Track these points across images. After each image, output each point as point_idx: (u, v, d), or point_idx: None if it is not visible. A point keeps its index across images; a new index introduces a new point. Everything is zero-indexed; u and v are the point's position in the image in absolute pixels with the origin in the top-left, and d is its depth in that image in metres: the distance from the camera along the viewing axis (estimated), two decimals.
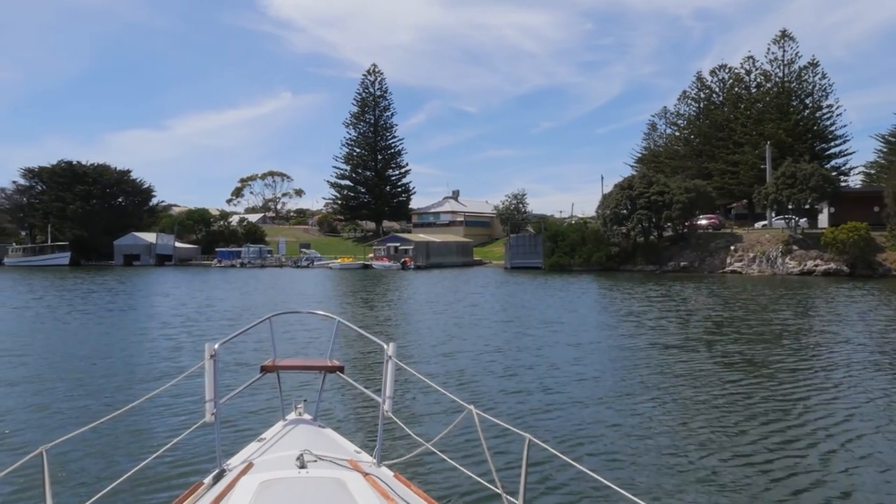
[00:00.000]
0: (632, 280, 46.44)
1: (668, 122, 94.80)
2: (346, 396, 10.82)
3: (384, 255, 75.33)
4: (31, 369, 13.60)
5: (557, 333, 19.35)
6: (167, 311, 26.66)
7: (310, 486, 2.84)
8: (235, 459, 3.54)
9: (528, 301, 30.54)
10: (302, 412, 4.17)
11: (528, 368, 13.91)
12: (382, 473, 3.33)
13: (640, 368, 13.82)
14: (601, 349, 16.43)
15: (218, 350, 3.55)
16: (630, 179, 60.32)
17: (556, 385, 12.20)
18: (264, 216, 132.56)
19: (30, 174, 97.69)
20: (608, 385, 12.23)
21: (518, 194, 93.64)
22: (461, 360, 14.90)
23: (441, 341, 17.86)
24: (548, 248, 62.80)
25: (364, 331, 4.59)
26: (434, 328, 20.79)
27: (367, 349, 15.64)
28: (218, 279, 53.86)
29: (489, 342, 17.62)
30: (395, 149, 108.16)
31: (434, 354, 15.77)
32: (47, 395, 11.25)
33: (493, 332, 19.85)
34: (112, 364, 14.24)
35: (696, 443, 8.77)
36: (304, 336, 18.17)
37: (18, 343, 17.47)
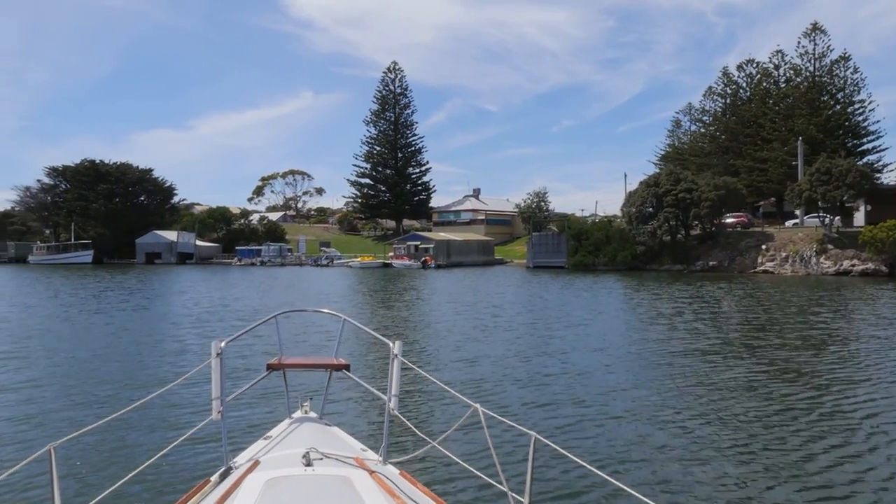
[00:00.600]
0: (659, 280, 45.01)
1: (692, 118, 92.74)
2: (352, 394, 10.67)
3: (404, 254, 74.48)
4: (38, 367, 13.58)
5: (584, 337, 18.24)
6: (180, 310, 26.01)
7: (316, 484, 2.82)
8: (242, 457, 3.54)
9: (551, 301, 29.42)
10: (308, 410, 4.16)
11: (554, 376, 12.88)
12: (388, 471, 3.30)
13: (675, 377, 12.70)
14: (632, 354, 15.31)
15: (224, 348, 3.50)
16: (656, 176, 58.67)
17: (587, 395, 11.15)
18: (285, 215, 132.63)
19: (54, 173, 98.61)
20: (640, 394, 11.14)
21: (540, 192, 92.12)
22: (482, 366, 13.92)
23: (461, 345, 16.87)
24: (571, 246, 61.45)
25: (373, 330, 4.50)
26: (454, 330, 19.80)
27: (374, 347, 15.41)
28: (237, 278, 53.42)
29: (512, 346, 16.59)
30: (416, 147, 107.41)
31: (454, 359, 14.79)
32: (55, 393, 11.24)
33: (515, 334, 18.80)
34: (120, 362, 14.18)
35: (729, 455, 7.89)
36: (312, 334, 18.04)
37: (29, 341, 17.42)
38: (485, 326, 20.69)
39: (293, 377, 4.97)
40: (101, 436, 8.33)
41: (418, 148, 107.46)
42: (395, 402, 3.63)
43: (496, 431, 8.29)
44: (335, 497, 2.73)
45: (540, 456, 7.30)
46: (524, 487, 2.91)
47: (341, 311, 4.59)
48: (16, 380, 12.37)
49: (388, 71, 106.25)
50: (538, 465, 7.17)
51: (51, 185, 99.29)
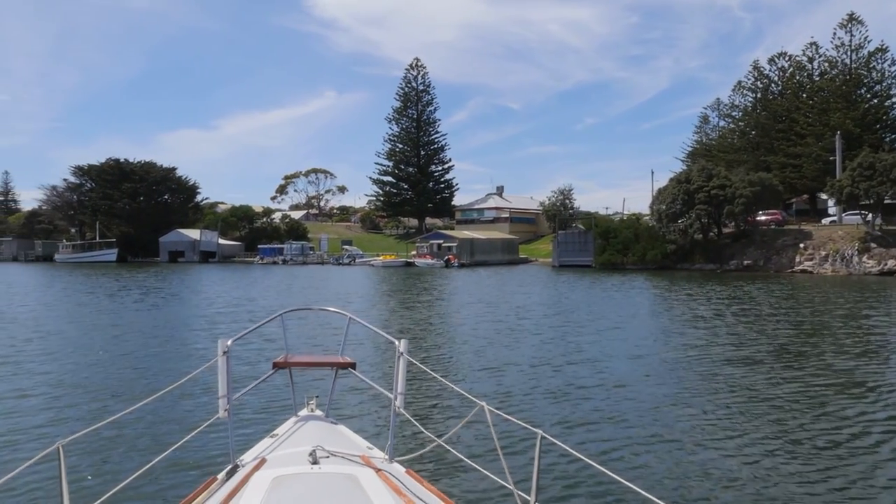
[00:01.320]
0: (690, 280, 43.24)
1: (721, 114, 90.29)
2: (358, 393, 10.56)
3: (427, 253, 73.27)
4: (45, 366, 13.61)
5: (619, 342, 16.85)
6: (193, 310, 25.12)
7: (322, 482, 2.82)
8: (248, 455, 3.54)
9: (580, 302, 27.99)
10: (314, 408, 4.14)
11: (588, 388, 11.57)
12: (394, 469, 3.31)
13: (721, 390, 11.30)
14: (672, 362, 13.88)
15: (231, 346, 3.52)
16: (687, 172, 56.66)
17: (629, 412, 9.84)
18: (307, 213, 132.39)
19: (79, 172, 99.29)
20: (686, 411, 9.77)
21: (565, 190, 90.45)
22: (509, 377, 12.66)
23: (485, 351, 15.60)
24: (598, 245, 59.74)
25: (387, 332, 4.33)
26: (477, 334, 18.53)
27: (380, 346, 15.12)
28: (257, 277, 52.76)
29: (540, 353, 15.28)
30: (438, 144, 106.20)
31: (477, 367, 13.55)
32: (63, 391, 11.25)
33: (543, 339, 17.46)
34: (128, 361, 14.17)
35: (789, 483, 6.68)
36: (318, 333, 17.89)
37: (40, 339, 17.49)
38: (510, 330, 19.39)
39: (299, 375, 4.83)
40: (109, 433, 8.33)
41: (441, 145, 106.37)
42: (401, 401, 3.61)
43: (502, 429, 8.25)
44: (341, 495, 2.72)
45: (546, 454, 7.24)
46: (530, 486, 2.87)
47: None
48: (24, 378, 12.36)
49: (411, 68, 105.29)
50: (545, 464, 7.07)
51: (76, 184, 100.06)
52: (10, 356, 14.72)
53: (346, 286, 40.99)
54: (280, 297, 31.92)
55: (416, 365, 4.09)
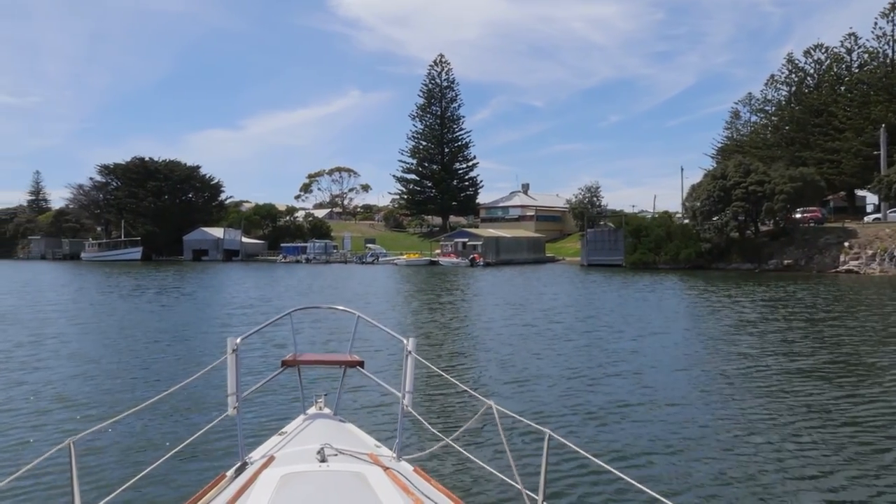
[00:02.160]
0: (728, 280, 41.18)
1: (753, 109, 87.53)
2: (366, 391, 10.50)
3: (451, 252, 71.79)
4: (56, 364, 13.64)
5: (661, 351, 15.19)
6: (205, 311, 24.01)
7: (330, 480, 2.82)
8: (257, 452, 3.53)
9: (612, 304, 26.30)
10: (322, 406, 4.14)
11: (632, 407, 10.07)
12: (402, 468, 3.32)
13: (782, 410, 9.64)
14: (722, 374, 12.22)
15: (240, 344, 3.53)
16: (723, 168, 54.26)
17: (686, 438, 8.30)
18: (331, 212, 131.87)
19: (105, 171, 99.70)
20: (756, 441, 8.18)
21: (592, 187, 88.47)
22: (541, 392, 11.21)
23: (512, 360, 14.09)
24: (629, 243, 57.70)
25: (389, 328, 4.26)
26: (503, 339, 17.02)
27: (389, 344, 14.86)
28: (279, 275, 51.86)
29: (573, 363, 13.74)
30: (462, 141, 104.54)
31: (506, 380, 12.09)
32: (73, 389, 11.29)
33: (576, 347, 15.90)
34: (138, 360, 14.18)
35: None
36: (327, 331, 18.02)
37: (54, 336, 17.57)
38: (539, 335, 17.82)
39: (308, 374, 4.79)
40: (119, 430, 8.41)
41: (465, 143, 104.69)
42: (410, 399, 3.59)
43: (510, 429, 8.29)
44: (350, 493, 2.71)
45: (555, 454, 7.20)
46: (538, 485, 2.85)
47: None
48: (35, 376, 12.38)
49: (435, 64, 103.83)
50: (553, 463, 7.05)
51: (103, 182, 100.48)
52: (21, 354, 14.74)
53: (368, 286, 39.71)
54: (299, 298, 30.71)
55: (424, 363, 4.02)
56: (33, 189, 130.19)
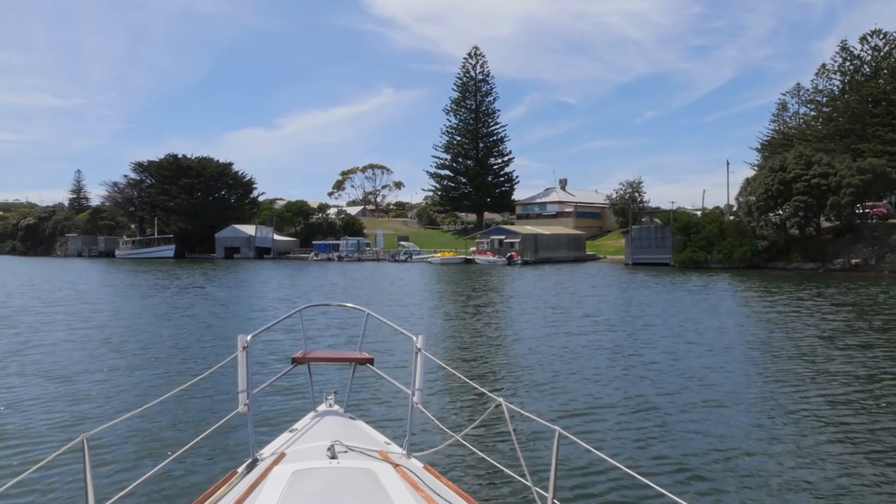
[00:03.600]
0: (788, 280, 37.95)
1: (802, 100, 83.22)
2: (376, 388, 10.46)
3: (488, 249, 69.21)
4: (69, 362, 13.58)
5: (734, 374, 12.36)
6: (222, 314, 22.01)
7: (341, 477, 2.82)
8: (268, 449, 3.56)
9: (666, 309, 23.46)
10: (332, 403, 4.15)
11: (711, 456, 7.70)
12: (412, 464, 3.29)
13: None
14: (824, 411, 9.58)
15: (250, 341, 3.54)
16: (782, 160, 50.56)
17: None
18: (363, 209, 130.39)
19: (139, 168, 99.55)
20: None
21: (634, 182, 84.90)
22: (599, 421, 9.05)
23: (558, 381, 11.55)
24: (678, 241, 54.45)
25: (397, 325, 4.26)
26: (543, 351, 14.43)
27: (398, 341, 14.65)
28: (311, 274, 50.06)
29: (626, 384, 11.32)
30: (498, 136, 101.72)
31: (553, 407, 9.69)
32: (86, 386, 11.32)
33: (628, 362, 13.28)
34: (150, 359, 14.11)
35: None
36: (337, 327, 18.10)
37: (66, 335, 17.49)
38: (584, 348, 15.20)
39: (318, 371, 4.71)
40: (131, 427, 8.38)
41: (500, 137, 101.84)
42: (419, 396, 3.58)
43: (520, 426, 8.35)
44: (360, 489, 2.69)
45: (564, 451, 7.13)
46: (548, 482, 2.83)
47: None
48: (48, 374, 12.34)
49: (469, 57, 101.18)
50: (562, 461, 6.99)
51: (137, 180, 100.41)
52: (37, 352, 14.68)
53: (401, 285, 37.37)
54: (328, 300, 28.61)
55: (433, 360, 3.98)
56: (75, 188, 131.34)
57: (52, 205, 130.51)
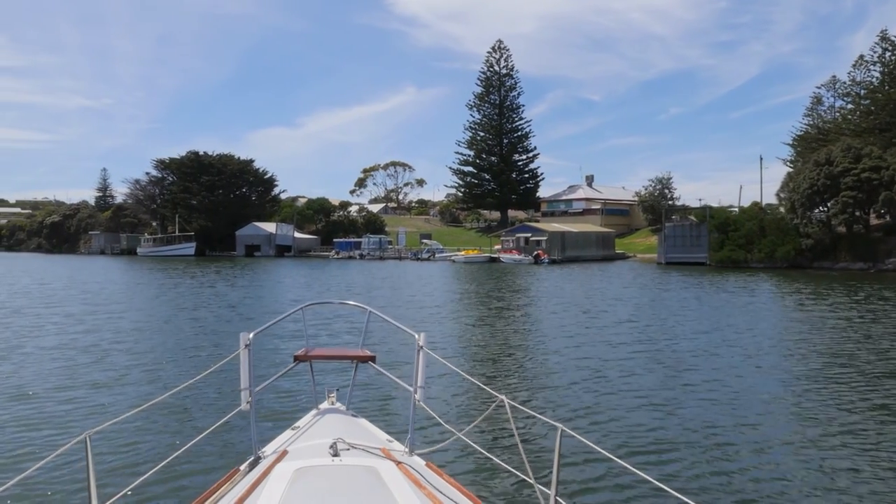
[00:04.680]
0: (837, 281, 35.34)
1: (838, 93, 79.63)
2: (378, 386, 10.32)
3: (513, 248, 67.06)
4: (72, 359, 13.49)
5: (803, 403, 10.13)
6: (227, 317, 20.29)
7: (343, 474, 2.82)
8: (270, 447, 3.56)
9: (711, 316, 21.15)
10: (335, 401, 4.15)
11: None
12: (415, 462, 3.30)
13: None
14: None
15: (253, 339, 3.54)
16: (828, 153, 47.62)
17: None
18: (385, 206, 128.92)
19: (161, 165, 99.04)
20: None
21: (663, 178, 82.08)
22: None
23: (601, 406, 9.49)
24: (714, 239, 51.82)
25: (398, 322, 4.26)
26: (574, 371, 12.40)
27: (401, 338, 14.43)
28: (330, 274, 48.46)
29: (678, 414, 9.23)
30: (522, 131, 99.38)
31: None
32: (90, 384, 11.23)
33: (678, 382, 11.14)
34: (153, 356, 14.11)
35: None
36: (338, 325, 18.07)
37: (70, 334, 17.26)
38: (623, 364, 13.10)
39: (320, 368, 4.71)
40: (134, 424, 8.34)
41: (525, 133, 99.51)
42: (422, 394, 3.58)
43: (522, 423, 8.36)
44: (362, 487, 2.70)
45: (567, 448, 6.98)
46: (550, 479, 2.83)
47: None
48: (52, 371, 12.32)
49: (493, 51, 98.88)
50: (565, 458, 6.95)
51: (159, 177, 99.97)
52: (37, 351, 14.53)
53: (423, 286, 35.36)
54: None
55: (435, 358, 3.93)
56: (101, 186, 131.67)
57: (76, 203, 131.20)
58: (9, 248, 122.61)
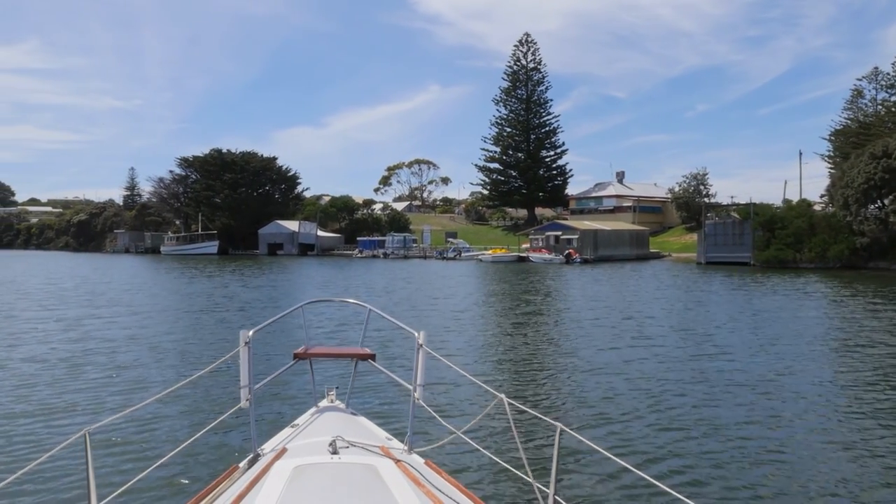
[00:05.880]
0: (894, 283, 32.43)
1: (881, 85, 75.77)
2: (378, 384, 10.33)
3: (542, 246, 64.54)
4: (73, 357, 13.33)
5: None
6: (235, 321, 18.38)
7: (342, 472, 2.82)
8: (270, 444, 3.57)
9: (774, 324, 18.70)
10: (334, 399, 4.14)
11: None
12: (413, 460, 3.28)
13: None
14: None
15: (252, 337, 3.51)
16: (884, 144, 44.26)
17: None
18: (410, 204, 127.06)
19: (185, 163, 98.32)
20: None
21: (698, 174, 78.70)
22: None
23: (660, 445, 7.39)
24: (759, 238, 48.77)
25: (398, 320, 4.19)
26: (626, 402, 10.14)
27: (400, 337, 14.32)
28: (355, 273, 46.58)
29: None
30: (550, 127, 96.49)
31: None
32: (89, 380, 11.22)
33: (748, 419, 8.88)
34: (153, 353, 13.92)
35: None
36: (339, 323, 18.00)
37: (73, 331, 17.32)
38: (683, 398, 10.80)
39: (319, 366, 4.68)
40: (133, 421, 8.30)
41: (553, 128, 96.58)
42: (421, 392, 3.55)
43: (521, 422, 8.38)
44: (361, 485, 2.70)
45: (566, 447, 7.16)
46: (549, 478, 2.85)
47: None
48: (52, 367, 12.29)
49: (520, 44, 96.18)
50: (564, 456, 7.02)
51: (182, 175, 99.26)
52: (38, 350, 14.41)
53: (448, 288, 33.16)
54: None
55: (434, 356, 3.81)
56: (129, 185, 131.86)
57: (102, 201, 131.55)
58: (38, 246, 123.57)
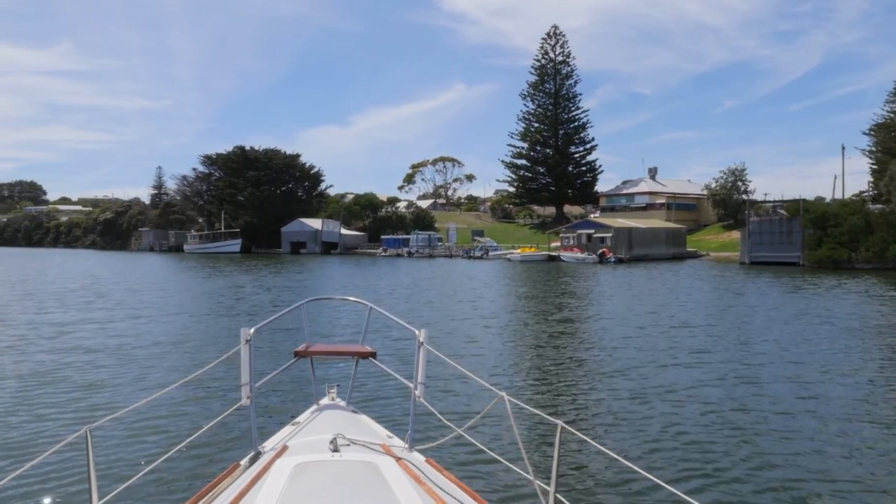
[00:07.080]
0: None
1: None
2: (378, 382, 10.33)
3: (574, 245, 61.94)
4: (74, 355, 13.35)
5: None
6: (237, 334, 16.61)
7: (343, 470, 2.82)
8: (270, 442, 3.58)
9: (852, 336, 16.16)
10: (335, 397, 4.14)
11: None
12: (414, 458, 3.28)
13: None
14: None
15: (253, 335, 3.50)
16: None
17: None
18: (434, 202, 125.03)
19: (208, 161, 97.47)
20: None
21: (736, 169, 75.23)
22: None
23: None
24: (810, 236, 45.70)
25: (399, 319, 4.15)
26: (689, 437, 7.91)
27: (402, 335, 14.22)
28: (378, 272, 44.61)
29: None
30: (579, 122, 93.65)
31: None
32: (90, 378, 11.28)
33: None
34: (155, 351, 13.94)
35: None
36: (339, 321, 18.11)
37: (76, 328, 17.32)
38: (759, 431, 8.48)
39: (320, 364, 4.62)
40: (134, 419, 8.29)
41: (582, 123, 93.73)
42: (422, 390, 3.55)
43: (522, 420, 8.44)
44: (362, 482, 2.70)
45: (566, 445, 7.23)
46: (550, 475, 2.84)
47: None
48: (53, 366, 12.30)
49: (548, 37, 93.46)
50: (564, 455, 7.09)
51: (205, 173, 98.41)
52: (39, 348, 14.30)
53: (476, 290, 30.90)
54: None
55: (435, 354, 3.79)
56: (156, 183, 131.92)
57: (128, 200, 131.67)
58: (66, 244, 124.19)
